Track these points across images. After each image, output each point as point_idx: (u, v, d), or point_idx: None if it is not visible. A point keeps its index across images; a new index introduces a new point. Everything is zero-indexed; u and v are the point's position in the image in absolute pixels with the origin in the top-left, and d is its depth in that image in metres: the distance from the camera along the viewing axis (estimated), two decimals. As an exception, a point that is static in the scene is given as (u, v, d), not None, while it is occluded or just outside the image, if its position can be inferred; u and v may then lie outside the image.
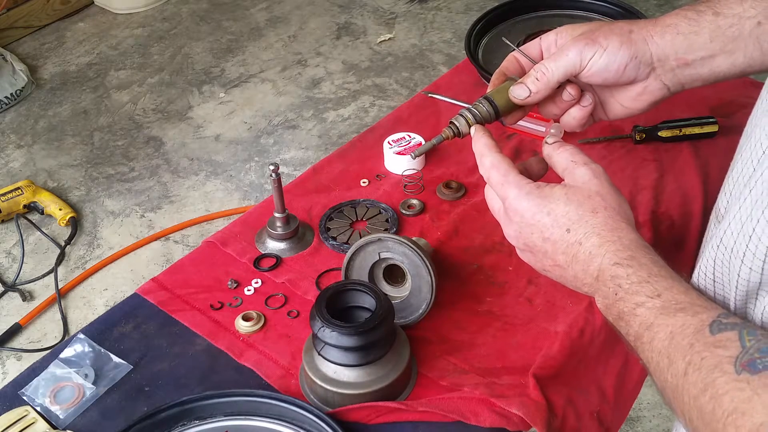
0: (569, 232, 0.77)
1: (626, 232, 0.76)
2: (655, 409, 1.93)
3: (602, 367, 0.97)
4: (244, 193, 2.65)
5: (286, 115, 2.98)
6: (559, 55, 0.86)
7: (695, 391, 0.62)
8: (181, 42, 3.43)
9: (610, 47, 0.85)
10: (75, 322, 2.27)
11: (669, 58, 0.86)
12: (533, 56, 0.92)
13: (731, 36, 0.83)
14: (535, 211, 0.79)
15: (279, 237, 1.11)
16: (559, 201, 0.78)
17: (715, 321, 0.64)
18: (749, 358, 0.60)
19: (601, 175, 0.80)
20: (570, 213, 0.78)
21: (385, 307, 0.88)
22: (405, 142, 1.22)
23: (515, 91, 0.87)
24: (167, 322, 1.02)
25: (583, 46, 0.85)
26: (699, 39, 0.84)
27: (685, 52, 0.85)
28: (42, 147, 2.91)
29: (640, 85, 0.88)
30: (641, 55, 0.86)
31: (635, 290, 0.71)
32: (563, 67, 0.86)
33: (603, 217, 0.77)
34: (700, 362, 0.62)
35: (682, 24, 0.85)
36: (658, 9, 3.30)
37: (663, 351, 0.67)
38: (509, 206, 0.81)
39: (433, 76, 3.04)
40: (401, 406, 0.88)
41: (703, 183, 1.14)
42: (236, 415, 0.90)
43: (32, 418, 0.91)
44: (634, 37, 0.85)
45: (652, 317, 0.69)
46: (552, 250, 0.79)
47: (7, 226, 2.58)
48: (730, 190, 0.73)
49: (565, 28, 0.91)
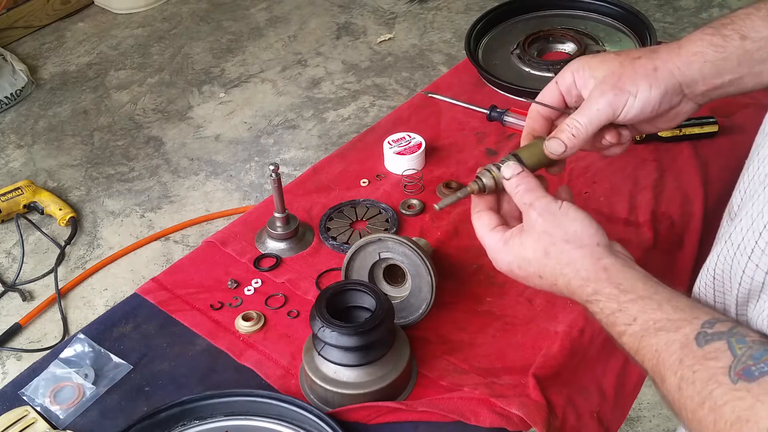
0: (542, 279, 0.82)
1: (582, 262, 0.78)
2: (655, 409, 1.92)
3: (602, 367, 0.97)
4: (244, 193, 2.65)
5: (286, 115, 2.98)
6: (589, 109, 0.85)
7: (692, 405, 0.62)
8: (181, 42, 3.43)
9: (640, 92, 0.84)
10: (75, 322, 2.27)
11: (698, 84, 0.85)
12: (554, 101, 0.91)
13: (759, 59, 0.82)
14: (511, 267, 0.84)
15: (279, 237, 1.10)
16: (521, 251, 0.82)
17: (700, 333, 0.65)
18: (743, 366, 0.60)
19: (544, 211, 0.81)
20: (532, 261, 0.82)
21: (385, 307, 0.88)
22: (405, 142, 1.22)
23: (551, 147, 0.86)
24: (167, 322, 1.02)
25: (612, 97, 0.84)
26: (727, 65, 0.83)
27: (714, 77, 0.84)
28: (42, 147, 2.91)
29: (674, 111, 0.88)
30: (671, 89, 0.85)
31: (612, 322, 0.74)
32: (597, 121, 0.85)
33: (555, 256, 0.80)
34: (693, 376, 0.63)
35: (709, 51, 0.84)
36: (658, 9, 3.30)
37: (654, 370, 0.68)
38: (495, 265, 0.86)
39: (433, 76, 3.04)
40: (401, 406, 0.88)
41: (703, 183, 1.14)
42: (236, 415, 0.90)
43: (32, 418, 0.91)
44: (660, 75, 0.84)
45: (636, 343, 0.70)
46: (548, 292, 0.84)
47: (7, 226, 2.58)
48: (744, 187, 0.73)
49: (580, 65, 0.89)
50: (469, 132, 1.30)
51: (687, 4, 3.34)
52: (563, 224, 0.80)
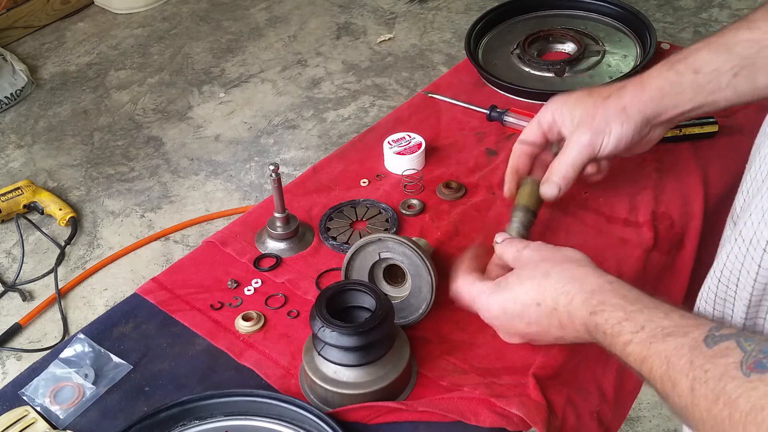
0: (540, 306, 0.83)
1: (586, 278, 0.81)
2: (655, 409, 1.92)
3: (602, 367, 0.96)
4: (244, 193, 2.65)
5: (286, 115, 2.98)
6: (571, 152, 0.98)
7: (707, 404, 0.62)
8: (181, 42, 3.43)
9: (613, 130, 0.97)
10: (75, 322, 2.27)
11: (662, 115, 0.97)
12: (536, 137, 1.03)
13: (711, 90, 0.92)
14: (505, 306, 0.87)
15: (279, 237, 1.10)
16: (515, 286, 0.86)
17: (708, 335, 0.65)
18: (754, 360, 0.60)
19: (541, 247, 0.88)
20: (529, 290, 0.85)
21: (385, 307, 0.88)
22: (405, 142, 1.22)
23: (548, 193, 1.00)
24: (167, 322, 1.02)
25: (590, 138, 0.97)
26: (684, 97, 0.94)
27: (674, 108, 0.96)
28: (42, 147, 2.91)
29: (645, 139, 1.00)
30: (641, 123, 0.97)
31: (618, 331, 0.74)
32: (580, 161, 0.98)
33: (557, 275, 0.83)
34: (705, 375, 0.63)
35: (666, 86, 0.95)
36: (658, 9, 3.31)
37: (664, 376, 0.68)
38: (485, 315, 0.90)
39: (433, 76, 3.04)
40: (401, 406, 0.88)
41: (703, 183, 1.14)
42: (236, 415, 0.90)
43: (32, 418, 0.91)
44: (629, 112, 0.96)
45: (644, 350, 0.71)
46: (541, 330, 0.86)
47: (7, 226, 2.58)
48: (747, 188, 0.74)
49: (558, 105, 1.01)
50: (469, 132, 1.30)
51: (687, 4, 3.34)
52: (562, 251, 0.86)
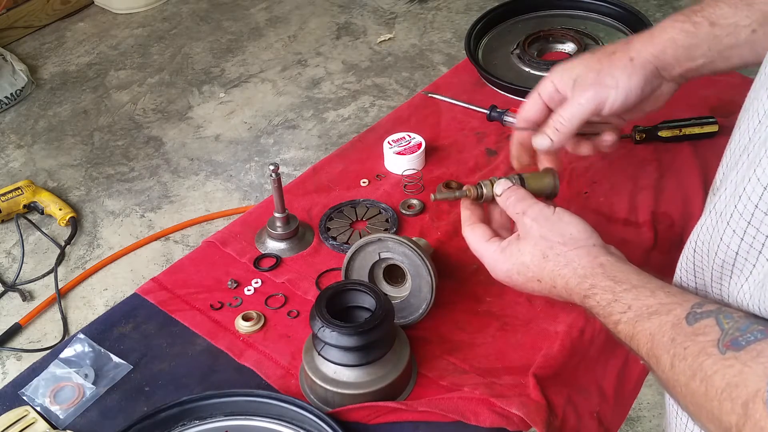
0: (541, 282, 0.85)
1: (579, 260, 0.81)
2: (655, 409, 1.92)
3: (602, 367, 0.97)
4: (244, 193, 2.65)
5: (286, 115, 2.98)
6: (572, 105, 0.91)
7: (684, 379, 0.64)
8: (181, 42, 3.43)
9: (620, 84, 0.90)
10: (75, 322, 2.27)
11: (674, 67, 0.92)
12: (537, 111, 0.97)
13: (727, 44, 0.89)
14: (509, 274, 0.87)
15: (279, 237, 1.10)
16: (518, 257, 0.86)
17: (690, 313, 0.67)
18: (731, 338, 0.62)
19: (538, 216, 0.86)
20: (530, 266, 0.85)
21: (385, 307, 0.88)
22: (405, 142, 1.22)
23: (537, 142, 0.94)
24: (167, 322, 1.02)
25: (594, 93, 0.90)
26: (698, 49, 0.90)
27: (687, 60, 0.91)
28: (42, 147, 2.91)
29: (655, 94, 0.94)
30: (650, 74, 0.91)
31: (608, 312, 0.76)
32: (579, 115, 0.91)
33: (554, 258, 0.83)
34: (684, 352, 0.65)
35: (680, 37, 0.90)
36: (658, 9, 3.30)
37: (649, 353, 0.70)
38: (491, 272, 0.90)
39: (433, 76, 3.04)
40: (401, 406, 0.88)
41: (703, 183, 1.14)
42: (236, 415, 0.90)
43: (32, 418, 0.91)
44: (637, 63, 0.91)
45: (631, 329, 0.73)
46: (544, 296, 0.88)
47: (7, 226, 2.58)
48: (726, 161, 0.74)
49: (558, 70, 0.95)
50: (469, 132, 1.30)
51: (687, 4, 3.33)
52: (559, 228, 0.84)
